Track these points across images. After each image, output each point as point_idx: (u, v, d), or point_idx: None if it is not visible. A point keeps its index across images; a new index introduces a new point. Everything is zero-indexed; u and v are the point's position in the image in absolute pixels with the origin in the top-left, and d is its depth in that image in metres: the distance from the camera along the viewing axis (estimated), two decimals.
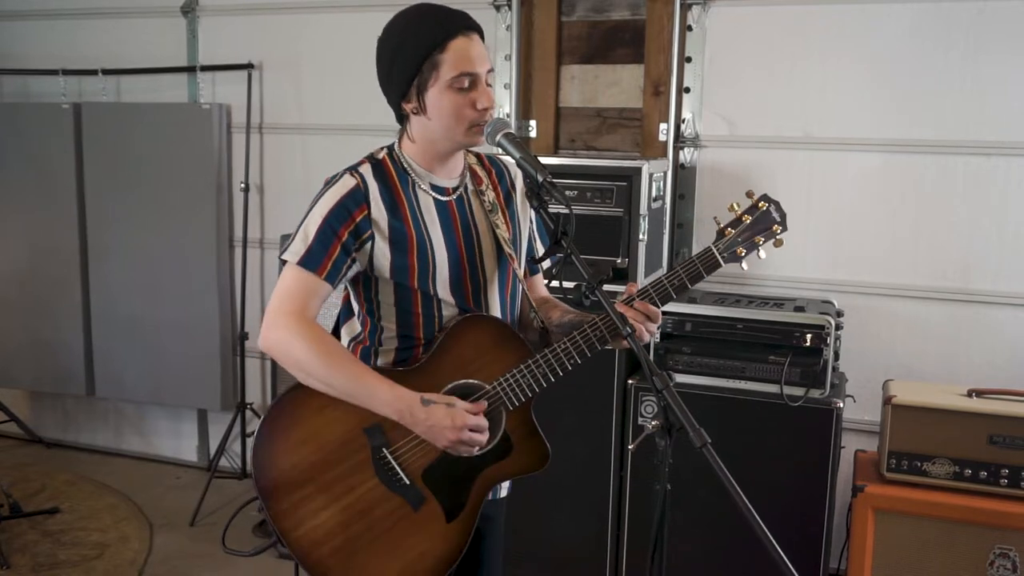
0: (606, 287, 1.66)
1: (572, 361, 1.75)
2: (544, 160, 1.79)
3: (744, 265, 1.80)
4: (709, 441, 1.45)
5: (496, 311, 1.84)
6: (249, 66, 4.06)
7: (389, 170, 1.77)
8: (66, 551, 3.56)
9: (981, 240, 3.16)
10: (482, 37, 1.73)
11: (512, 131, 1.76)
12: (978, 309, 3.19)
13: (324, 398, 1.70)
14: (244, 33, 4.10)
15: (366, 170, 1.75)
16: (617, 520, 3.04)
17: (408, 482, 1.74)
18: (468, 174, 1.85)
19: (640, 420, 2.96)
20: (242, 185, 4.13)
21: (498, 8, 3.58)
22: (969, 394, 2.69)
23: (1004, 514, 2.56)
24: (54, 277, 4.39)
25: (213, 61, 4.11)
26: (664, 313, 2.93)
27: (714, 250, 1.78)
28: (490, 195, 1.85)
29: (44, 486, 4.18)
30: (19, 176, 4.40)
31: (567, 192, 2.77)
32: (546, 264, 1.75)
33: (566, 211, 1.68)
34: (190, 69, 4.16)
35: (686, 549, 2.87)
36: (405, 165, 1.78)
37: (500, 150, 1.75)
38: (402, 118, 1.78)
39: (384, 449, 1.73)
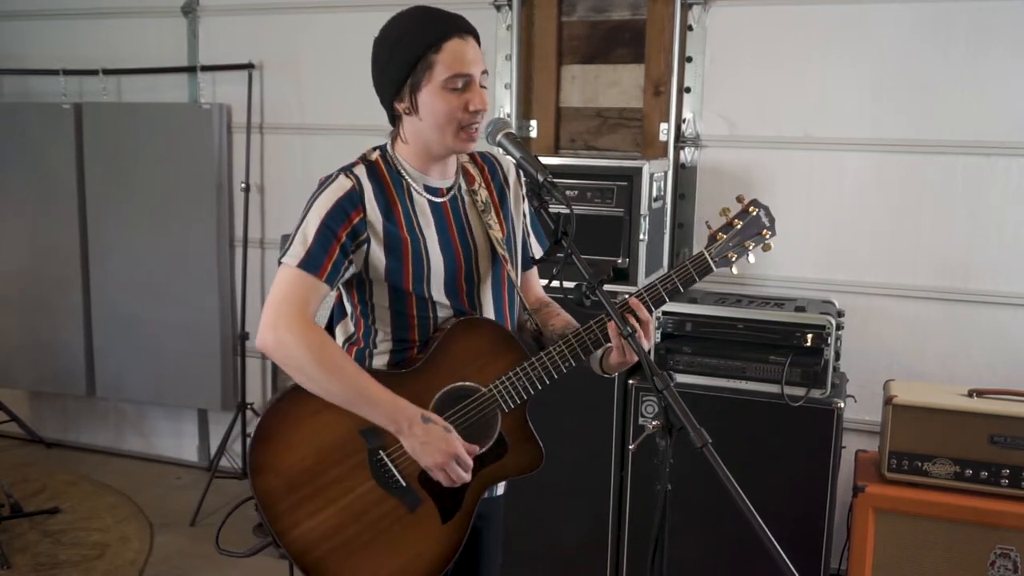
0: (606, 287, 1.66)
1: (567, 364, 1.76)
2: (544, 160, 1.79)
3: (734, 269, 1.84)
4: (710, 441, 1.45)
5: (490, 312, 1.83)
6: (249, 66, 4.06)
7: (382, 172, 1.76)
8: (66, 551, 3.56)
9: (981, 240, 3.16)
10: (478, 41, 1.72)
11: (512, 131, 1.76)
12: (978, 309, 3.19)
13: (321, 401, 1.70)
14: (244, 33, 4.10)
15: (361, 171, 1.74)
16: (617, 520, 3.04)
17: (404, 484, 1.74)
18: (461, 173, 1.85)
19: (641, 420, 2.95)
20: (242, 185, 4.13)
21: (498, 8, 3.58)
22: (970, 394, 2.69)
23: (1005, 514, 2.56)
24: (54, 277, 4.39)
25: (213, 61, 4.11)
26: (665, 313, 2.96)
27: (707, 255, 1.81)
28: (483, 194, 1.85)
29: (44, 486, 4.18)
30: (19, 176, 4.39)
31: (567, 192, 2.77)
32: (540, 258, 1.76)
33: (566, 211, 1.68)
34: (190, 69, 4.16)
35: (687, 549, 2.87)
36: (398, 167, 1.77)
37: (501, 150, 1.75)
38: (394, 119, 1.77)
39: (381, 451, 1.73)
